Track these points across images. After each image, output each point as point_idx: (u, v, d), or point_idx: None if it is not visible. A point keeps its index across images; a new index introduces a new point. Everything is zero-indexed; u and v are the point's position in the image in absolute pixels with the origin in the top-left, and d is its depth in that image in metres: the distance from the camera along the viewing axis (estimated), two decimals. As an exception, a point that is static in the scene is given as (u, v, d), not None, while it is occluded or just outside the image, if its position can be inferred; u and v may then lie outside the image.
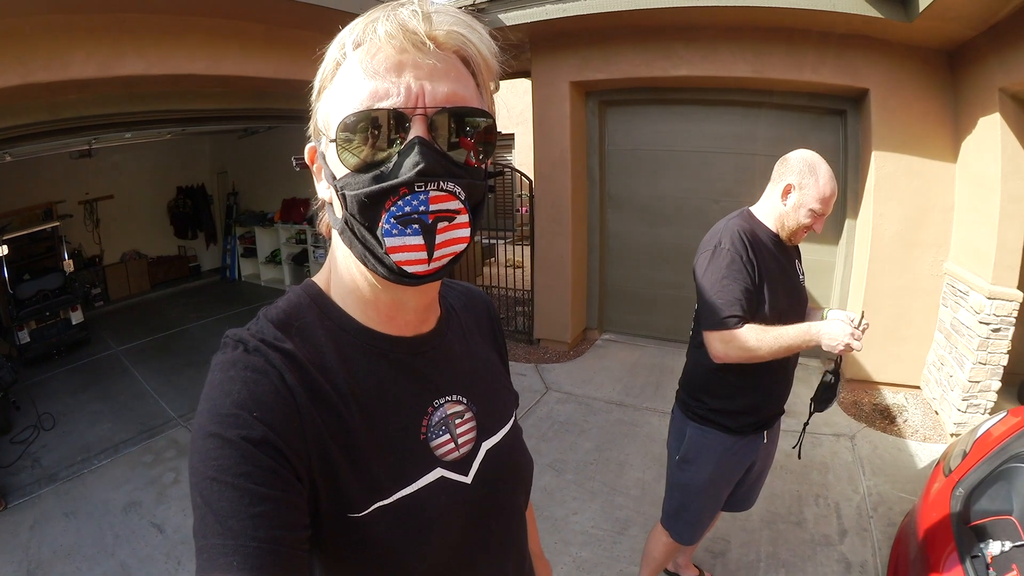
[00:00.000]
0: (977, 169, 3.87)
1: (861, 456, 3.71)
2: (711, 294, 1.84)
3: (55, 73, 3.06)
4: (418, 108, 0.61)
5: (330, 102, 0.65)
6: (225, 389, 0.61)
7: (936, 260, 4.29)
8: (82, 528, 3.12)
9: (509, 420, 0.88)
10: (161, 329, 6.57)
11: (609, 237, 5.82)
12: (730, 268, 1.82)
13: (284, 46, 3.96)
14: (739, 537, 2.99)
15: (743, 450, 2.04)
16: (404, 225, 0.61)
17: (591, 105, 5.41)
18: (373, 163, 0.62)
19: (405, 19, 0.60)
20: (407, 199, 0.60)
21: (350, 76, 0.62)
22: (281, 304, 0.72)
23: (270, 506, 0.57)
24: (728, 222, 1.94)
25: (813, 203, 1.83)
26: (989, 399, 3.80)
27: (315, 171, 0.72)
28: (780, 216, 1.92)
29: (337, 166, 0.64)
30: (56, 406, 4.58)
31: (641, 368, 5.17)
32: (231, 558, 0.54)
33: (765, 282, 1.86)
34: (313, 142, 0.71)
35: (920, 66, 4.07)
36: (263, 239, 8.56)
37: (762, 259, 1.87)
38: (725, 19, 4.24)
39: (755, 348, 1.78)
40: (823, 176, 1.83)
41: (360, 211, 0.62)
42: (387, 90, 0.60)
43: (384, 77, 0.60)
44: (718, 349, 1.85)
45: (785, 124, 4.90)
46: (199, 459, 0.57)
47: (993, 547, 1.82)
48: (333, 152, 0.64)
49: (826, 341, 1.75)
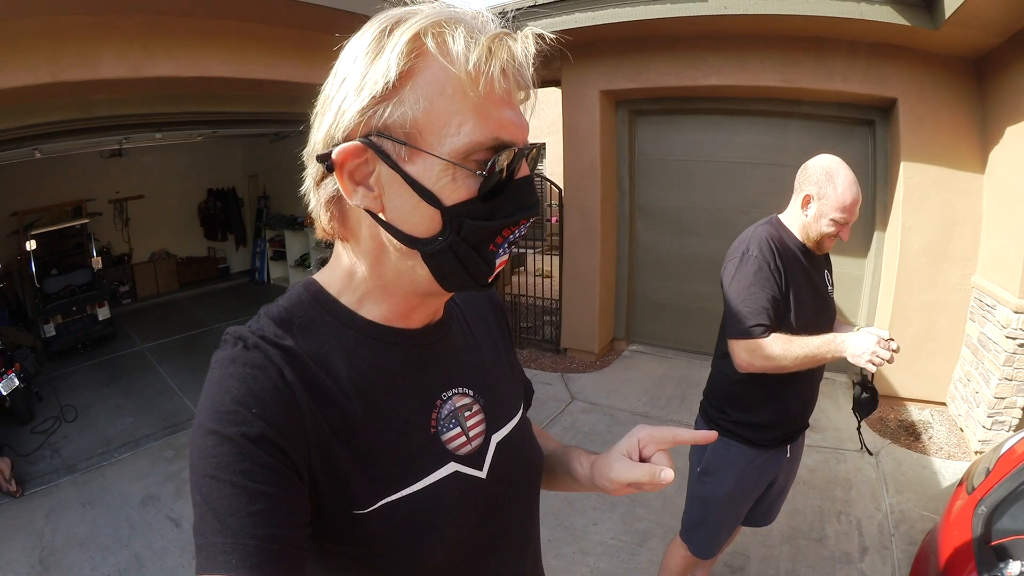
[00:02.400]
0: (1005, 180, 3.79)
1: (885, 473, 3.64)
2: (737, 302, 1.82)
3: (86, 72, 3.12)
4: (527, 144, 0.65)
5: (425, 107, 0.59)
6: (224, 386, 0.60)
7: (964, 273, 4.20)
8: (98, 518, 3.16)
9: (517, 412, 0.87)
10: (188, 328, 6.66)
11: (638, 247, 5.79)
12: (757, 276, 1.80)
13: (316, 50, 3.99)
14: (759, 552, 2.95)
15: (765, 464, 2.01)
16: (507, 248, 0.67)
17: (621, 114, 5.40)
18: (491, 192, 0.63)
19: (519, 51, 0.61)
20: (521, 228, 0.67)
21: (469, 89, 0.58)
22: (282, 301, 0.72)
23: (269, 504, 0.56)
24: (756, 229, 1.91)
25: (834, 212, 1.80)
26: (1015, 416, 3.70)
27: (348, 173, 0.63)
28: (803, 226, 1.89)
29: (446, 187, 0.61)
30: (79, 399, 4.66)
31: (668, 380, 5.13)
32: (230, 556, 0.53)
33: (792, 290, 1.84)
34: (358, 140, 0.60)
35: (947, 75, 4.01)
36: (293, 243, 8.62)
37: (789, 267, 1.84)
38: (754, 28, 4.22)
39: (780, 357, 1.76)
40: (842, 183, 1.78)
41: (481, 237, 0.64)
42: (514, 120, 0.62)
43: (508, 106, 0.62)
44: (743, 358, 1.83)
45: (814, 134, 4.85)
46: (198, 456, 0.57)
47: (1013, 567, 1.77)
48: (434, 168, 0.60)
49: (850, 352, 1.71)
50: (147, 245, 8.17)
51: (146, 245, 8.16)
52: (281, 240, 8.74)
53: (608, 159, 5.31)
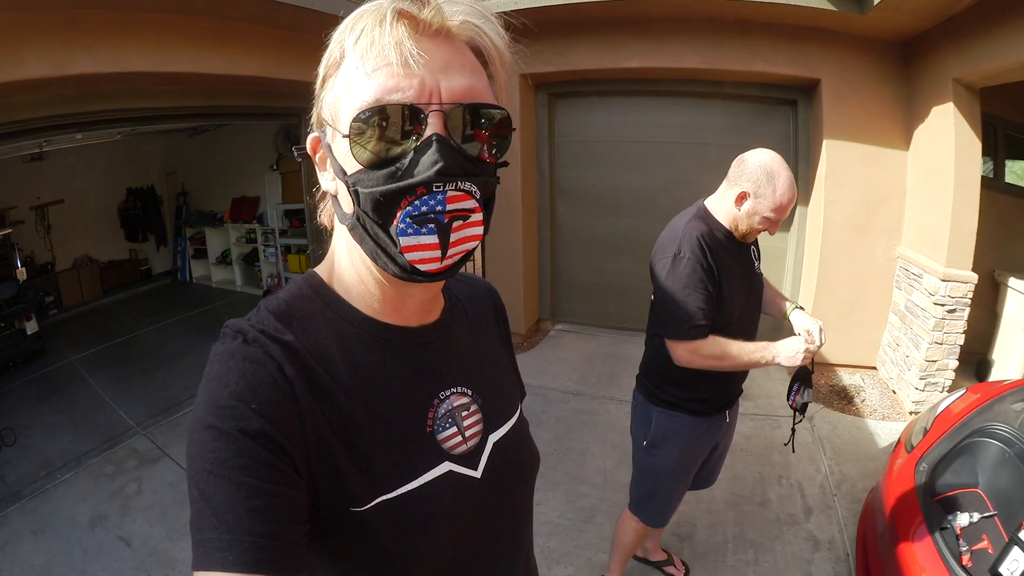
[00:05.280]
0: (930, 157, 4.00)
1: (821, 436, 3.81)
2: (673, 304, 1.85)
3: (10, 74, 2.95)
4: (433, 103, 0.59)
5: (337, 92, 0.63)
6: (223, 380, 0.59)
7: (889, 245, 4.43)
8: (51, 546, 3.02)
9: (515, 413, 0.88)
10: (115, 335, 6.39)
11: (560, 228, 5.86)
12: (691, 278, 1.82)
13: (236, 41, 3.88)
14: (705, 519, 3.05)
15: (708, 430, 2.09)
16: (420, 224, 0.60)
17: (541, 97, 5.41)
18: (388, 159, 0.60)
19: (416, 8, 0.59)
20: (424, 199, 0.59)
21: (359, 66, 0.60)
22: (282, 295, 0.71)
23: (267, 500, 0.56)
24: (687, 226, 1.90)
25: (768, 212, 1.82)
26: (947, 377, 3.95)
27: (318, 162, 0.70)
28: (733, 219, 1.91)
29: (348, 161, 0.62)
30: (16, 420, 4.41)
31: (596, 357, 5.22)
32: (227, 552, 0.53)
33: (724, 283, 1.88)
34: (316, 132, 0.68)
35: (873, 57, 4.18)
36: (213, 239, 8.40)
37: (719, 259, 1.87)
38: (679, 11, 4.29)
39: (719, 359, 1.84)
40: (781, 185, 1.79)
41: (374, 209, 0.61)
42: (400, 83, 0.58)
43: (397, 69, 0.58)
44: (683, 357, 1.88)
45: (736, 114, 5.01)
46: (196, 451, 0.56)
47: (962, 519, 1.89)
48: (343, 146, 0.62)
49: (784, 359, 1.83)
50: (70, 251, 7.74)
51: (69, 251, 7.73)
52: (202, 237, 8.49)
53: (528, 142, 5.33)
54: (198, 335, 6.27)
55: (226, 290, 8.21)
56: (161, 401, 4.63)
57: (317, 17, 3.59)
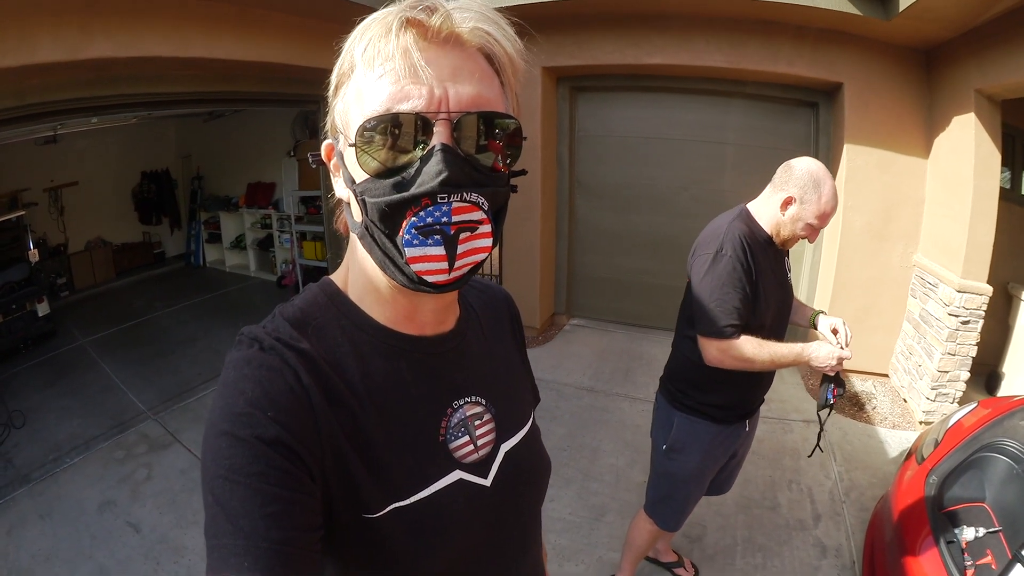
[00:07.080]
0: (949, 166, 3.95)
1: (832, 442, 3.80)
2: (709, 300, 1.85)
3: (23, 58, 2.94)
4: (441, 112, 0.58)
5: (347, 101, 0.63)
6: (239, 387, 0.60)
7: (906, 252, 4.40)
8: (59, 531, 3.04)
9: (528, 421, 0.88)
10: (127, 318, 6.41)
11: (578, 223, 5.84)
12: (731, 276, 1.82)
13: (254, 27, 3.88)
14: (715, 522, 3.05)
15: (728, 438, 2.09)
16: (425, 236, 0.59)
17: (562, 91, 5.39)
18: (394, 169, 0.60)
19: (424, 15, 0.58)
20: (429, 210, 0.58)
21: (367, 75, 0.60)
22: (298, 302, 0.71)
23: (282, 507, 0.56)
24: (730, 225, 1.91)
25: (812, 219, 1.84)
26: (958, 388, 3.92)
27: (332, 168, 0.70)
28: (777, 223, 1.92)
29: (356, 170, 0.62)
30: (25, 402, 4.44)
31: (610, 353, 5.20)
32: (242, 559, 0.53)
33: (760, 286, 1.89)
34: (330, 139, 0.68)
35: (896, 63, 4.14)
36: (228, 224, 8.42)
37: (759, 262, 1.88)
38: (701, 9, 4.27)
39: (751, 360, 1.84)
40: (827, 193, 1.82)
41: (381, 219, 0.60)
42: (408, 92, 0.58)
43: (404, 77, 0.58)
44: (713, 356, 1.88)
45: (757, 114, 4.96)
46: (211, 457, 0.57)
47: (967, 533, 1.89)
48: (352, 155, 0.61)
49: (815, 364, 1.85)
50: (83, 234, 7.78)
51: (82, 234, 7.77)
52: (216, 222, 8.51)
53: (548, 136, 5.31)
54: (211, 319, 6.29)
55: (240, 275, 8.23)
56: (173, 386, 4.64)
57: (335, 4, 3.57)
